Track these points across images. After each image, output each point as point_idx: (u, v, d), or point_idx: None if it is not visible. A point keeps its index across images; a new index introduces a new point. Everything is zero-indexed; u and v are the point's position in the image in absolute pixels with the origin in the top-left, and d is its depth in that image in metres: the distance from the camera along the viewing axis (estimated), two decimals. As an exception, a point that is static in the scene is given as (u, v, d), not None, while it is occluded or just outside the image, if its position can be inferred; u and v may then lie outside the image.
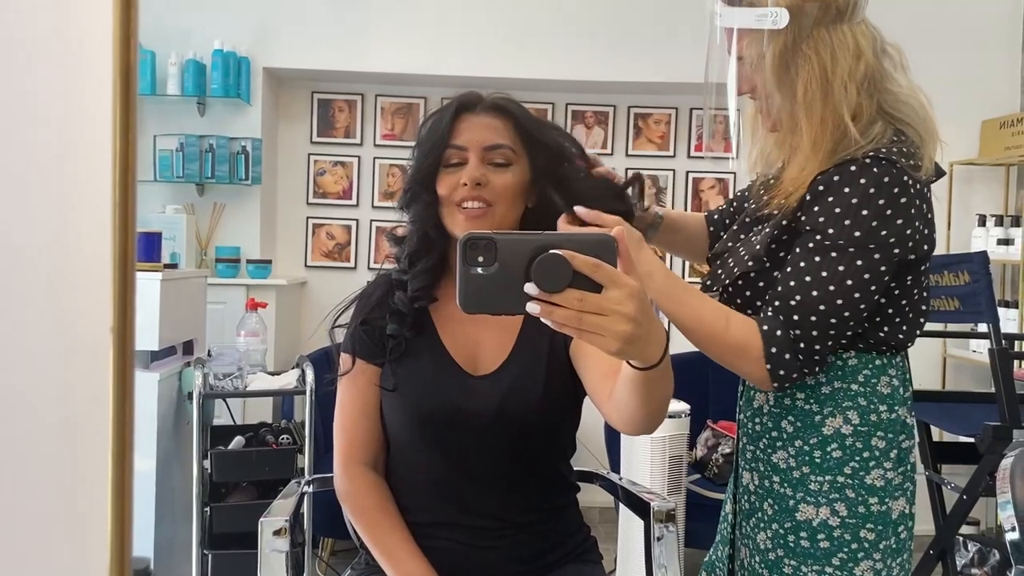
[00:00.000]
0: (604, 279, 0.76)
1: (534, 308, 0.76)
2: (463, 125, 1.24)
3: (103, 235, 0.45)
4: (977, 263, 2.21)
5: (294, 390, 2.41)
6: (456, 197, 1.22)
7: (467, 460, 1.27)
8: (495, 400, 1.25)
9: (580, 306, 0.76)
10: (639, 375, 0.90)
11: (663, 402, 0.99)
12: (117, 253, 0.44)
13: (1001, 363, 2.12)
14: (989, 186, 3.74)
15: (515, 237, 0.77)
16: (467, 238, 0.76)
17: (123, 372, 0.44)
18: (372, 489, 1.31)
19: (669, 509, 1.29)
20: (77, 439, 0.44)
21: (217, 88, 3.43)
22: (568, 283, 0.75)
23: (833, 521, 1.19)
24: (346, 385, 1.33)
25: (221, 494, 2.39)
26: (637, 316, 0.77)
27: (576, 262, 0.75)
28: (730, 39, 1.23)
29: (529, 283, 0.75)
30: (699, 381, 3.49)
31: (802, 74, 1.18)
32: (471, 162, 1.22)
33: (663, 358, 0.87)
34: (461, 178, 1.21)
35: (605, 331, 0.77)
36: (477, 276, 0.76)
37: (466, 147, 1.22)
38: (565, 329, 0.77)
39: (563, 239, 0.77)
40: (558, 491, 1.36)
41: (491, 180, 1.22)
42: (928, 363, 3.61)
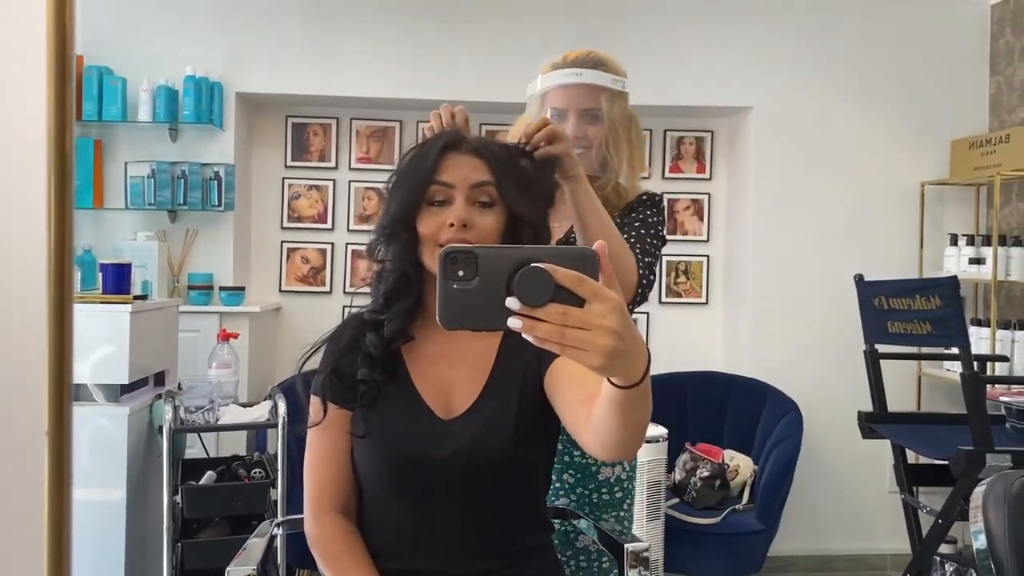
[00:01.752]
0: (587, 293, 0.75)
1: (516, 323, 0.74)
2: (449, 162, 1.22)
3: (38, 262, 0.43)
4: (947, 287, 2.23)
5: (266, 423, 2.38)
6: (441, 238, 1.20)
7: (438, 506, 1.25)
8: (467, 442, 1.24)
9: (563, 320, 0.74)
10: (619, 394, 0.89)
11: (641, 425, 0.98)
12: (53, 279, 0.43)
13: (972, 388, 2.13)
14: (960, 206, 3.78)
15: (496, 251, 0.76)
16: (448, 252, 0.75)
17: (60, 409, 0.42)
18: (342, 535, 1.29)
19: (642, 550, 1.27)
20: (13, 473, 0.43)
21: (189, 114, 3.40)
22: (550, 297, 0.74)
23: None
24: (317, 430, 1.31)
25: (193, 529, 2.36)
26: (620, 330, 0.76)
27: (558, 276, 0.74)
28: (582, 96, 1.62)
29: (511, 297, 0.74)
30: (678, 403, 3.50)
31: (633, 126, 1.69)
32: (457, 201, 1.21)
33: (644, 376, 0.86)
34: (447, 219, 1.20)
35: (588, 345, 0.75)
36: (458, 291, 0.74)
37: (453, 184, 1.21)
38: (547, 344, 0.75)
39: (544, 253, 0.76)
40: (532, 531, 1.34)
41: (476, 222, 1.21)
42: (903, 382, 3.63)
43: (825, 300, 3.63)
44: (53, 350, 0.43)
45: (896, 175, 3.73)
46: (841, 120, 3.71)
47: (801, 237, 3.71)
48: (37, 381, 0.43)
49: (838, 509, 3.70)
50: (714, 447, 3.27)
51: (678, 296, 4.00)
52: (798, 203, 3.71)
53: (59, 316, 0.43)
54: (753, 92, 3.70)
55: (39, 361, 0.43)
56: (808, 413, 3.34)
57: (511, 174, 1.27)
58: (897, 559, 3.54)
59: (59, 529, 0.44)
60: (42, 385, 0.43)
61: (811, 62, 3.70)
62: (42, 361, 0.43)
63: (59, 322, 0.43)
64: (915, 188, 3.72)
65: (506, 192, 1.24)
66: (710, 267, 4.01)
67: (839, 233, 3.70)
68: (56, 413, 0.43)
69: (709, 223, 4.01)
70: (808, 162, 3.71)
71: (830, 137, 3.72)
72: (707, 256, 4.01)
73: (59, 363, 0.44)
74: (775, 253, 3.71)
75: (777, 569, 3.57)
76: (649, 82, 3.68)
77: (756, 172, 3.72)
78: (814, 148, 3.71)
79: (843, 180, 3.72)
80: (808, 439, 3.31)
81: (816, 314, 3.67)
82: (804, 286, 3.69)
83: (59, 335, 0.43)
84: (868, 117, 3.71)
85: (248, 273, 3.80)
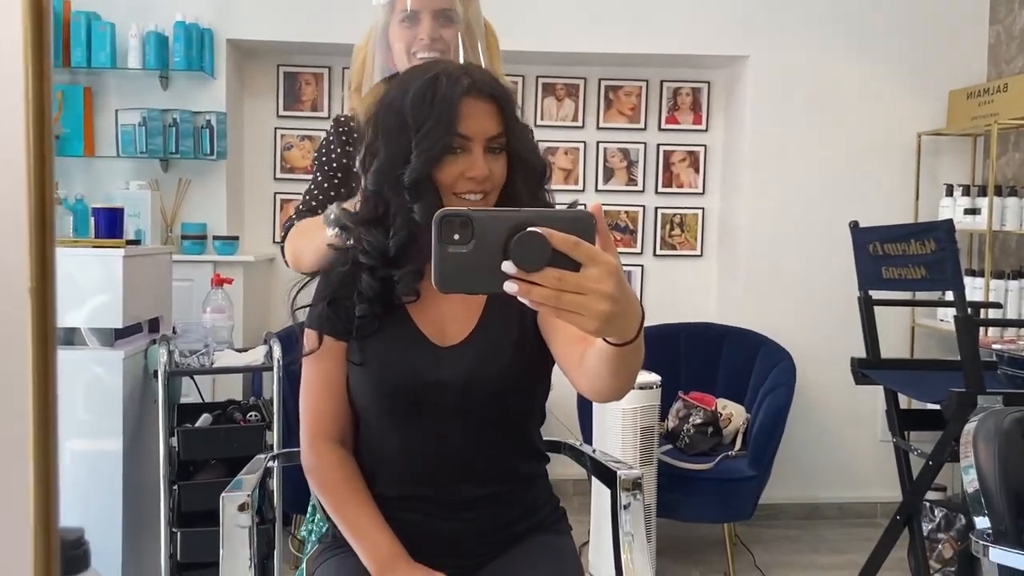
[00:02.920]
0: (583, 257, 0.75)
1: (512, 287, 0.74)
2: (467, 109, 1.18)
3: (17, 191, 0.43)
4: (943, 231, 2.23)
5: (262, 366, 2.39)
6: (459, 188, 1.19)
7: (435, 432, 1.26)
8: (463, 370, 1.24)
9: (559, 285, 0.75)
10: (613, 351, 0.90)
11: (633, 374, 1.00)
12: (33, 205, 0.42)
13: (966, 330, 2.14)
14: (956, 157, 3.77)
15: (492, 214, 0.76)
16: (443, 215, 0.74)
17: (44, 337, 0.42)
18: (338, 464, 1.30)
19: (635, 478, 1.29)
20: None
21: (180, 61, 3.36)
22: (546, 261, 0.73)
23: None
24: (312, 362, 1.31)
25: (189, 472, 2.37)
26: (615, 294, 0.76)
27: (555, 240, 0.73)
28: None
29: (507, 261, 0.73)
30: (671, 353, 3.51)
31: (489, 31, 1.62)
32: (476, 153, 1.18)
33: (638, 335, 0.86)
34: (466, 170, 1.18)
35: (584, 310, 0.76)
36: (453, 255, 0.74)
37: (471, 137, 1.18)
38: (543, 308, 0.76)
39: (541, 216, 0.75)
40: (527, 461, 1.35)
41: (492, 170, 1.20)
42: (897, 332, 3.64)
43: (820, 252, 3.64)
44: (36, 274, 0.42)
45: (893, 126, 3.71)
46: (838, 70, 3.68)
47: (797, 189, 3.70)
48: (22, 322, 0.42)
49: (829, 458, 3.73)
50: (707, 395, 3.29)
51: (672, 249, 4.00)
52: (794, 154, 3.69)
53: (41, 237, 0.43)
54: (750, 41, 3.67)
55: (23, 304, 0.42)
56: (800, 364, 3.35)
57: (515, 118, 1.25)
58: (886, 507, 3.58)
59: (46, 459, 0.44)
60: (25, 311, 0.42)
61: (809, 11, 3.66)
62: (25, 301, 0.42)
63: (41, 245, 0.43)
64: (911, 139, 3.70)
65: (515, 142, 1.22)
66: (705, 219, 4.00)
67: (834, 185, 3.69)
68: (40, 344, 0.43)
69: (705, 175, 3.99)
70: (805, 113, 3.69)
71: (827, 87, 3.69)
72: (702, 208, 4.00)
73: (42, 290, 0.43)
74: (770, 205, 3.70)
75: (767, 516, 3.61)
76: (645, 31, 3.64)
77: (753, 123, 3.69)
78: (811, 99, 3.69)
79: (839, 131, 3.70)
80: (800, 390, 3.33)
81: (810, 266, 3.67)
82: (799, 238, 3.69)
83: (42, 258, 0.43)
84: (866, 67, 3.68)
85: (242, 224, 3.78)
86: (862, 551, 2.72)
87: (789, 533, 3.59)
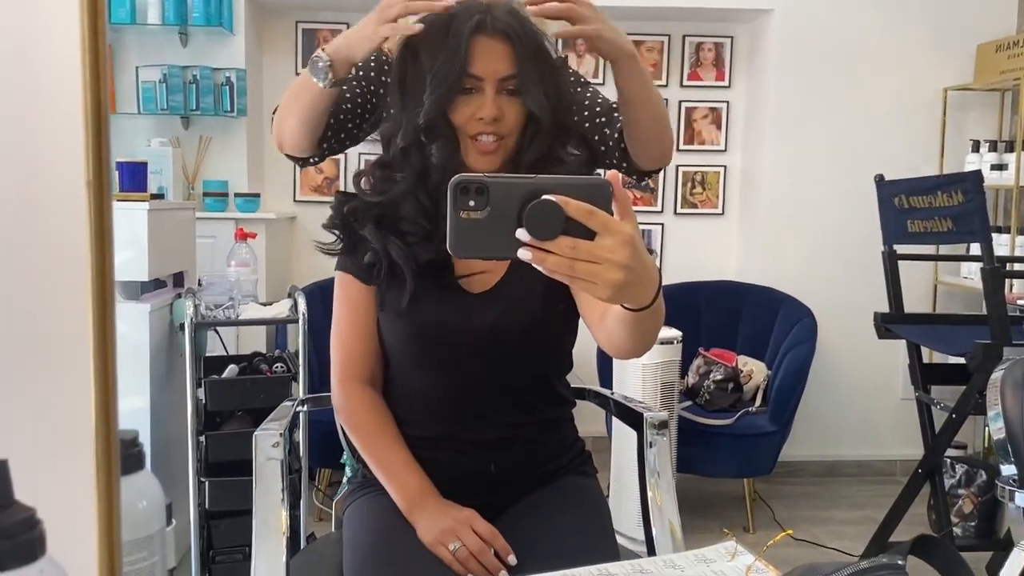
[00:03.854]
0: (597, 226, 0.75)
1: (525, 255, 0.75)
2: (477, 49, 1.16)
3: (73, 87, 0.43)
4: (971, 182, 2.20)
5: (287, 319, 2.40)
6: (472, 129, 1.18)
7: (464, 376, 1.27)
8: (493, 317, 1.25)
9: (573, 254, 0.75)
10: (630, 315, 0.91)
11: (652, 335, 1.01)
12: (90, 102, 0.42)
13: (993, 282, 2.13)
14: (983, 112, 3.71)
15: (507, 181, 0.76)
16: (458, 182, 0.74)
17: (101, 226, 0.42)
18: (369, 405, 1.31)
19: (662, 419, 1.29)
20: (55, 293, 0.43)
21: (199, 16, 3.34)
22: (561, 230, 0.74)
23: None
24: (342, 304, 1.32)
25: (216, 423, 2.40)
26: (630, 263, 0.76)
27: (569, 208, 0.74)
28: None
29: (521, 229, 0.74)
30: (691, 310, 3.51)
31: None
32: (487, 93, 1.17)
33: (654, 300, 0.87)
34: (477, 111, 1.17)
35: (597, 279, 0.76)
36: (468, 220, 0.74)
37: (483, 77, 1.17)
38: (556, 275, 0.76)
39: (556, 183, 0.75)
40: (554, 406, 1.36)
41: (505, 112, 1.18)
42: (919, 290, 3.62)
43: (842, 210, 3.60)
44: (93, 166, 0.43)
45: (919, 81, 3.65)
46: (864, 24, 3.62)
47: (820, 145, 3.66)
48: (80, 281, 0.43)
49: (848, 416, 3.74)
50: (728, 352, 3.29)
51: (693, 207, 3.98)
52: (818, 110, 3.65)
53: (97, 133, 0.43)
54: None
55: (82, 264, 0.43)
56: (821, 322, 3.34)
57: (534, 60, 1.22)
58: (906, 465, 3.59)
59: (104, 343, 0.44)
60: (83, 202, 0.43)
61: (835, -38, 3.59)
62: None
63: (97, 140, 0.43)
64: (938, 94, 3.64)
65: (526, 87, 1.20)
66: (727, 177, 3.97)
67: (858, 142, 3.65)
68: (98, 233, 0.43)
69: (727, 132, 3.95)
70: (829, 68, 3.63)
71: (852, 42, 3.63)
72: (724, 166, 3.96)
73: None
74: (793, 162, 3.66)
75: (787, 473, 3.63)
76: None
77: (776, 79, 3.64)
78: (836, 53, 3.63)
79: (864, 87, 3.64)
80: (820, 347, 3.33)
81: (833, 224, 3.64)
82: (821, 196, 3.66)
83: (97, 154, 0.43)
84: (892, 20, 3.62)
85: (262, 181, 3.79)
86: (881, 507, 2.73)
87: (808, 490, 3.60)
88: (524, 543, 1.18)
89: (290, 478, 2.34)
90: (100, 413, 0.45)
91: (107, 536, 0.44)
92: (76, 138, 0.42)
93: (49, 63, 0.43)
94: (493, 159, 1.20)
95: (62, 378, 0.43)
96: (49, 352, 0.44)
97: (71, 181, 0.43)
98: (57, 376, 0.43)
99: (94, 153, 0.42)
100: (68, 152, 0.43)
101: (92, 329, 0.43)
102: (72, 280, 0.43)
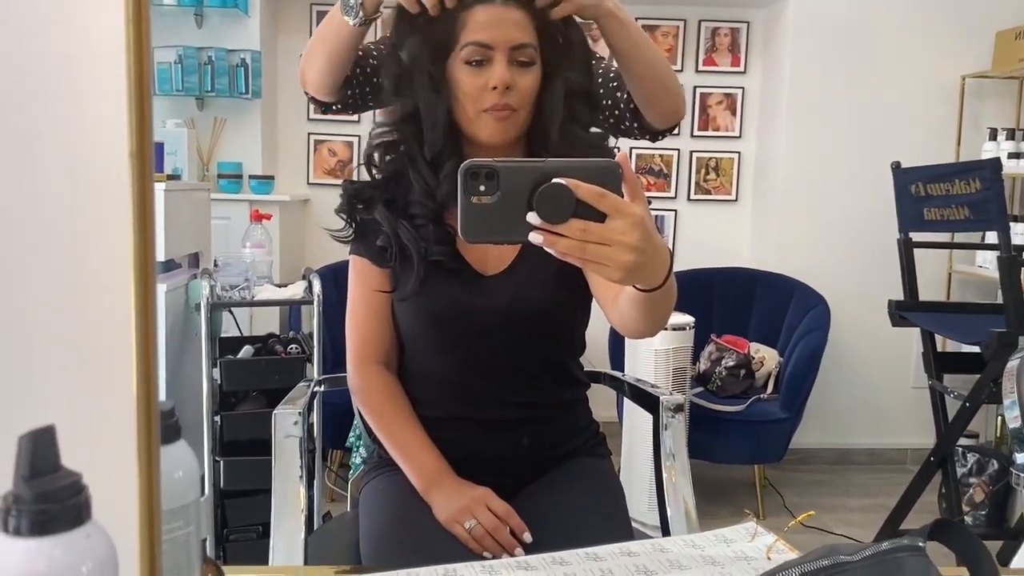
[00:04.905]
0: (608, 209, 0.75)
1: (537, 238, 0.75)
2: (483, 16, 1.15)
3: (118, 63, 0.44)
4: (989, 170, 2.19)
5: (302, 300, 2.42)
6: (484, 102, 1.16)
7: (479, 358, 1.27)
8: (506, 298, 1.25)
9: (584, 236, 0.75)
10: (642, 295, 0.91)
11: (664, 315, 1.01)
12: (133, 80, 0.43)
13: (1010, 270, 2.12)
14: (1001, 99, 3.68)
15: (517, 165, 0.76)
16: (468, 167, 0.75)
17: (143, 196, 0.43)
18: (385, 386, 1.32)
19: (678, 402, 1.30)
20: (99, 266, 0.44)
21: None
22: (572, 213, 0.74)
23: None
24: (357, 286, 1.32)
25: (231, 403, 2.42)
26: (641, 245, 0.77)
27: (580, 191, 0.74)
28: None
29: (532, 213, 0.74)
30: (703, 297, 3.51)
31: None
32: (498, 61, 1.15)
33: (666, 280, 0.87)
34: (489, 81, 1.15)
35: (609, 261, 0.77)
36: (479, 205, 0.75)
37: (492, 46, 1.15)
38: (568, 258, 0.77)
39: (566, 166, 0.75)
40: (568, 388, 1.36)
41: (518, 83, 1.16)
42: (933, 277, 3.61)
43: (856, 198, 3.59)
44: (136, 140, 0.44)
45: (936, 68, 3.62)
46: (881, 11, 3.59)
47: (835, 133, 3.64)
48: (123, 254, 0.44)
49: (860, 404, 3.73)
50: (740, 339, 3.29)
51: (707, 193, 3.97)
52: (833, 97, 3.62)
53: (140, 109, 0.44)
54: (792, -21, 3.58)
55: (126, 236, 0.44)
56: (835, 310, 3.34)
57: (549, 27, 1.22)
58: (917, 453, 3.59)
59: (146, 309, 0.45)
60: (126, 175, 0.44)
61: (854, -53, 3.56)
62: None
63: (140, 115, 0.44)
64: (955, 82, 3.62)
65: (547, 53, 1.20)
66: (741, 164, 3.95)
67: (874, 129, 3.63)
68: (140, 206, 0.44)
69: (742, 119, 3.93)
70: (845, 54, 3.61)
71: (869, 29, 3.60)
72: (738, 153, 3.95)
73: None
74: (808, 150, 3.65)
75: (798, 460, 3.63)
76: (685, -32, 3.57)
77: (792, 65, 3.62)
78: (852, 40, 3.60)
79: (880, 73, 3.62)
80: (833, 335, 3.32)
81: (847, 212, 3.63)
82: (836, 183, 3.64)
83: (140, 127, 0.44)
84: (910, 7, 3.59)
85: (276, 164, 3.80)
86: (892, 496, 2.74)
87: (819, 477, 3.61)
88: (539, 521, 1.19)
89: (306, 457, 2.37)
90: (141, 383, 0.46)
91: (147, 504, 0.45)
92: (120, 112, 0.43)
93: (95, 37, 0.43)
94: (506, 128, 1.18)
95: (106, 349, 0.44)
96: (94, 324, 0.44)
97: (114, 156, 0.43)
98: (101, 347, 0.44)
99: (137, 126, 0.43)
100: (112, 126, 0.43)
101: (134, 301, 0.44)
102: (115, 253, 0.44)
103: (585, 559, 0.80)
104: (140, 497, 0.45)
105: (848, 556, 0.68)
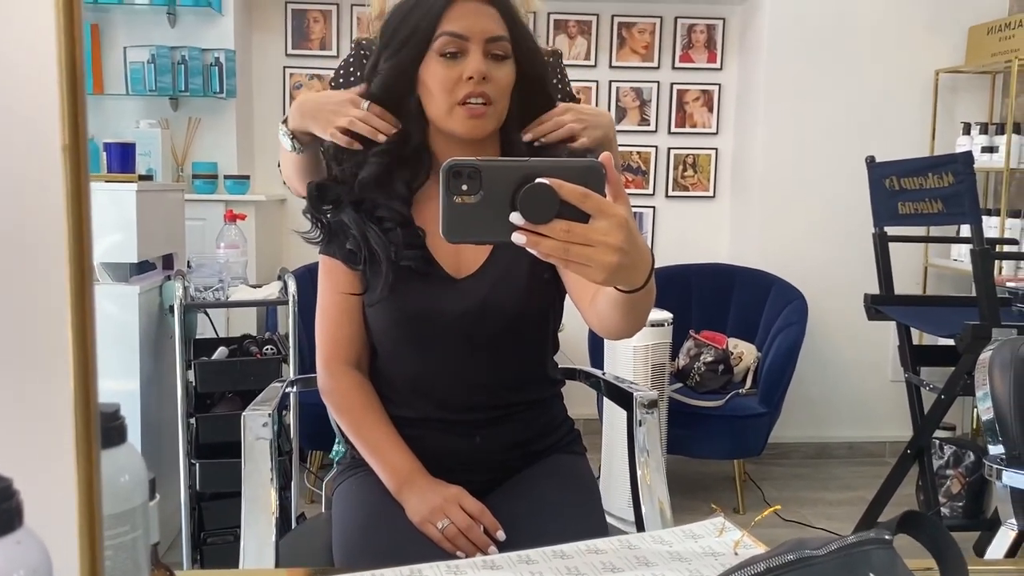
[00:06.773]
0: (592, 209, 0.75)
1: (519, 239, 0.75)
2: (457, 11, 1.15)
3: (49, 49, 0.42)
4: (961, 163, 2.20)
5: (276, 300, 2.40)
6: (459, 93, 1.15)
7: (451, 359, 1.26)
8: (478, 300, 1.23)
9: (567, 237, 0.75)
10: (622, 296, 0.91)
11: (643, 316, 1.01)
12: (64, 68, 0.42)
13: (982, 263, 2.13)
14: (974, 94, 3.71)
15: (500, 164, 0.75)
16: (450, 166, 0.74)
17: (78, 192, 0.42)
18: (355, 385, 1.30)
19: (652, 398, 1.29)
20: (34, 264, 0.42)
21: (187, -4, 3.31)
22: (555, 213, 0.73)
23: None
24: (327, 287, 1.31)
25: (207, 405, 2.40)
26: (624, 246, 0.76)
27: (563, 191, 0.73)
28: None
29: (515, 213, 0.73)
30: (681, 293, 3.51)
31: None
32: (473, 53, 1.15)
33: (647, 282, 0.87)
34: (464, 72, 1.15)
35: (592, 262, 0.76)
36: (461, 205, 0.74)
37: (467, 36, 1.15)
38: (551, 259, 0.76)
39: (550, 166, 0.75)
40: (542, 386, 1.36)
41: (493, 75, 1.16)
42: (909, 272, 3.63)
43: (833, 193, 3.61)
44: (69, 133, 0.42)
45: (910, 64, 3.65)
46: (856, 6, 3.61)
47: (811, 128, 3.65)
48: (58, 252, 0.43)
49: (839, 398, 3.75)
50: (718, 334, 3.30)
51: (685, 190, 3.97)
52: (810, 93, 3.64)
53: (73, 97, 0.42)
54: (767, -25, 3.59)
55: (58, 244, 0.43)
56: (812, 304, 3.35)
57: (522, 26, 1.22)
58: (895, 446, 3.61)
59: (83, 314, 0.44)
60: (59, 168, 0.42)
61: (828, -57, 3.57)
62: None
63: (73, 104, 0.42)
64: (929, 76, 3.64)
65: (520, 48, 1.20)
66: (718, 160, 3.96)
67: (849, 124, 3.64)
68: (74, 198, 0.43)
69: (719, 115, 3.94)
70: (821, 50, 3.62)
71: (844, 25, 3.62)
72: (716, 149, 3.96)
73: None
74: (785, 145, 3.66)
75: (778, 455, 3.65)
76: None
77: (768, 61, 3.63)
78: (828, 36, 3.62)
79: (856, 69, 3.64)
80: (811, 329, 3.34)
81: (824, 207, 3.65)
82: (812, 179, 3.66)
83: (74, 117, 0.42)
84: (884, 2, 3.61)
85: (252, 164, 3.77)
86: (871, 488, 2.75)
87: (799, 471, 3.63)
88: (513, 520, 1.18)
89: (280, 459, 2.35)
90: (79, 385, 0.44)
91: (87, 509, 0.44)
92: (52, 105, 0.42)
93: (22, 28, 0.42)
94: (480, 125, 1.18)
95: (42, 349, 0.43)
96: (28, 323, 0.43)
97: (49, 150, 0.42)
98: (36, 347, 0.43)
99: (70, 117, 0.42)
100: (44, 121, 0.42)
101: (70, 297, 0.43)
102: (50, 251, 0.42)
103: (552, 557, 0.79)
104: (79, 502, 0.43)
105: (814, 550, 0.67)
